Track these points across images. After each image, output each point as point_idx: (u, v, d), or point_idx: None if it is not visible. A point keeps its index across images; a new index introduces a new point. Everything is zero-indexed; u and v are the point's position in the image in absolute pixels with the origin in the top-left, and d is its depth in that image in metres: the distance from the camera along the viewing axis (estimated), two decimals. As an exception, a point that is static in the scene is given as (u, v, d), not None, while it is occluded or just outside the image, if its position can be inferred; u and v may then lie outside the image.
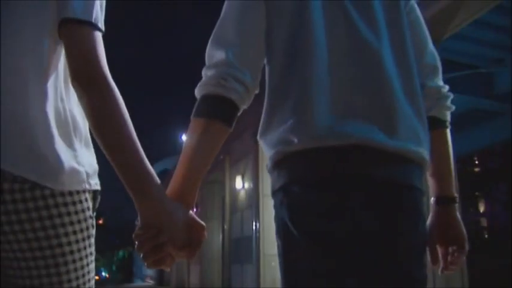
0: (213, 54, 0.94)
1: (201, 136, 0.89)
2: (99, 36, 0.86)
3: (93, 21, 0.85)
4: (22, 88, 0.81)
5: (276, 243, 0.95)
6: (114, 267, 32.79)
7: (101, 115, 0.82)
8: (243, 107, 0.96)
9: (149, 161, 0.86)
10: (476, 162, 15.70)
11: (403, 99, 0.91)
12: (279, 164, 0.92)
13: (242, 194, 7.67)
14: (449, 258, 1.01)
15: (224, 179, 8.62)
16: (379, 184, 0.86)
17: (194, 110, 0.92)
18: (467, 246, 1.02)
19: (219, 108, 0.90)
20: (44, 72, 0.84)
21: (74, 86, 0.84)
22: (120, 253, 33.40)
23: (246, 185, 7.45)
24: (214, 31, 0.99)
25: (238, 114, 0.95)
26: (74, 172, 0.84)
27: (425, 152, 0.93)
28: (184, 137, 15.50)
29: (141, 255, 0.83)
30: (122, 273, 30.64)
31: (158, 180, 0.83)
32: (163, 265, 0.84)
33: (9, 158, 0.77)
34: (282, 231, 0.91)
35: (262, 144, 0.98)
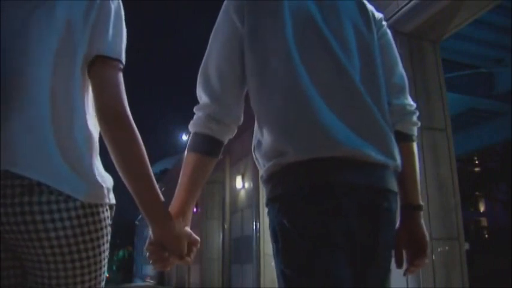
0: (200, 96, 1.12)
1: (194, 167, 1.10)
2: (121, 75, 1.01)
3: (121, 60, 1.01)
4: (55, 113, 0.94)
5: (270, 245, 1.06)
6: (114, 267, 32.80)
7: (125, 150, 0.98)
8: (228, 138, 1.14)
9: (150, 160, 1.00)
10: (477, 162, 15.72)
11: (379, 115, 1.03)
12: (275, 175, 1.02)
13: (242, 193, 7.67)
14: (412, 261, 1.13)
15: (224, 179, 8.62)
16: (366, 190, 0.98)
17: (188, 144, 1.12)
18: (427, 252, 1.13)
19: (207, 145, 1.10)
20: (75, 99, 0.97)
21: (100, 121, 0.97)
22: (120, 253, 33.42)
23: (246, 185, 7.45)
24: (200, 70, 1.14)
25: (224, 144, 1.13)
26: (99, 187, 0.97)
27: (399, 161, 1.06)
28: (184, 137, 15.52)
29: (150, 261, 1.05)
30: (122, 273, 30.64)
31: (164, 205, 1.02)
32: (167, 268, 1.07)
33: (48, 173, 0.90)
34: (281, 234, 0.98)
35: (256, 156, 1.10)
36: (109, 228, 1.01)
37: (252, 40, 1.07)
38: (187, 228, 1.08)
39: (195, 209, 10.74)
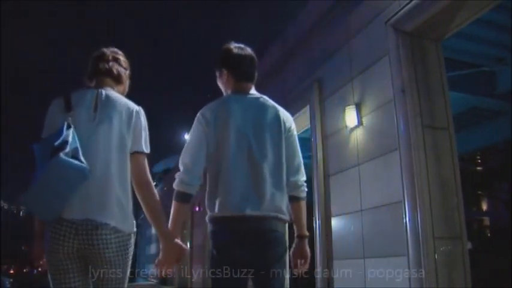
0: (180, 167, 1.94)
1: (178, 210, 1.93)
2: (146, 159, 1.85)
3: (148, 152, 1.85)
4: (116, 184, 1.73)
5: None
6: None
7: (150, 200, 1.84)
8: (196, 191, 1.93)
9: (152, 160, 1.70)
10: (479, 161, 15.66)
11: (273, 189, 1.89)
12: (212, 220, 1.88)
13: (244, 193, 7.66)
14: (301, 266, 2.03)
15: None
16: (259, 231, 1.85)
17: (174, 197, 1.91)
18: (308, 262, 2.04)
19: (183, 198, 1.92)
20: (126, 175, 1.79)
21: (137, 185, 1.81)
22: (123, 253, 33.22)
23: (248, 185, 7.43)
24: (182, 152, 1.95)
25: (194, 194, 1.93)
26: (132, 224, 1.80)
27: (284, 215, 1.92)
28: (186, 137, 15.50)
29: (159, 268, 1.85)
30: (124, 272, 30.46)
31: (168, 228, 1.88)
32: (170, 269, 1.86)
33: (116, 219, 1.70)
34: (210, 250, 1.87)
35: (205, 206, 1.93)
36: (133, 247, 1.80)
37: (214, 136, 1.91)
38: (179, 241, 1.87)
39: (197, 208, 10.66)
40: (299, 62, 5.38)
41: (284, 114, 2.03)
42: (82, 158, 1.63)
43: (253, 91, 2.05)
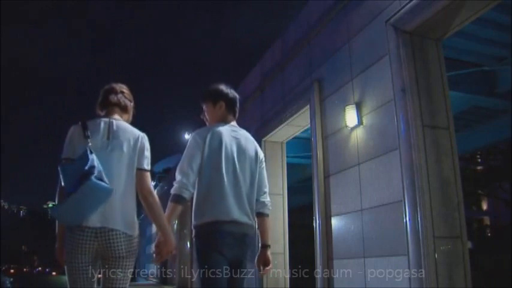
0: (177, 175, 2.30)
1: (173, 210, 2.28)
2: (149, 175, 2.25)
3: (150, 169, 2.26)
4: (125, 196, 2.16)
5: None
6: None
7: (154, 205, 2.19)
8: (190, 196, 2.30)
9: (153, 160, 1.98)
10: (479, 160, 15.66)
11: (249, 205, 2.37)
12: (200, 225, 2.28)
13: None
14: (264, 270, 2.48)
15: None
16: (239, 234, 2.29)
17: (170, 198, 2.28)
18: (271, 266, 2.48)
19: (179, 200, 2.27)
20: (132, 189, 2.19)
21: (143, 195, 2.19)
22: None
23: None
24: (178, 165, 2.34)
25: (188, 199, 2.29)
26: (136, 228, 2.19)
27: (254, 223, 2.40)
28: (187, 136, 15.52)
29: (154, 255, 2.23)
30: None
31: (170, 226, 2.27)
32: (163, 260, 2.28)
33: (125, 226, 2.13)
34: (198, 250, 2.27)
35: (193, 213, 2.33)
36: (138, 246, 2.20)
37: (207, 155, 2.31)
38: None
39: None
40: (299, 62, 5.38)
41: (258, 147, 2.54)
42: (106, 179, 2.04)
43: (234, 123, 2.51)
